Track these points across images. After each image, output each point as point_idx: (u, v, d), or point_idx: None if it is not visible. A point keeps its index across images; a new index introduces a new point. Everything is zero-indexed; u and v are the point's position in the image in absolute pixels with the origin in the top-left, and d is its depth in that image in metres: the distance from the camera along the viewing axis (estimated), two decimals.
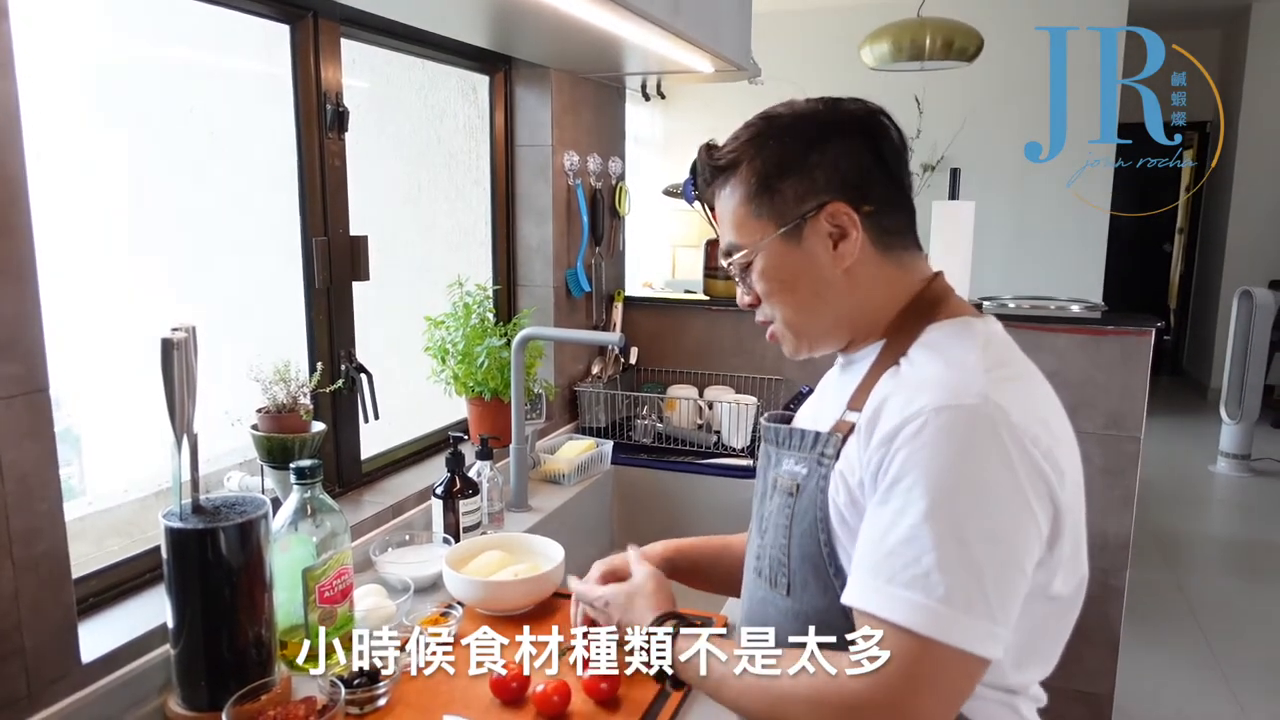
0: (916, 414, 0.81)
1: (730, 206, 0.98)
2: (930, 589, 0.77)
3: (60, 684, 1.06)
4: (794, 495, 0.93)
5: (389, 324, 1.99)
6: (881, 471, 0.82)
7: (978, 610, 0.77)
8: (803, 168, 0.92)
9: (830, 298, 0.95)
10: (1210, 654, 3.18)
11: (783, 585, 0.94)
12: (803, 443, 0.95)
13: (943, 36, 3.64)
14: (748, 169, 0.95)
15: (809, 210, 0.92)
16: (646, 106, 2.64)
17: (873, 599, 0.80)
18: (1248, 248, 6.69)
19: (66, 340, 1.08)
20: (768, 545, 0.97)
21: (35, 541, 1.02)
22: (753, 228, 0.96)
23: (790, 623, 0.93)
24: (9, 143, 0.97)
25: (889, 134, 0.95)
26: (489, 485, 1.72)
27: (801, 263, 0.94)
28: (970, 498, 0.79)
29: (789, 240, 0.94)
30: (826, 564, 0.89)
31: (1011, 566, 0.80)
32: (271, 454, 1.43)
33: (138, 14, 1.44)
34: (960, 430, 0.80)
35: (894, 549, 0.79)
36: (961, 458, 0.79)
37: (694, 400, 2.38)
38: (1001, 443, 0.79)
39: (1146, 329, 2.15)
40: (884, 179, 0.94)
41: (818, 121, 0.95)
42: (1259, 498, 4.91)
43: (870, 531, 0.82)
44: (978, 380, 0.83)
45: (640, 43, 1.78)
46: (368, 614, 1.34)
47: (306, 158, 1.62)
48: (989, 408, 0.80)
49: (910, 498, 0.79)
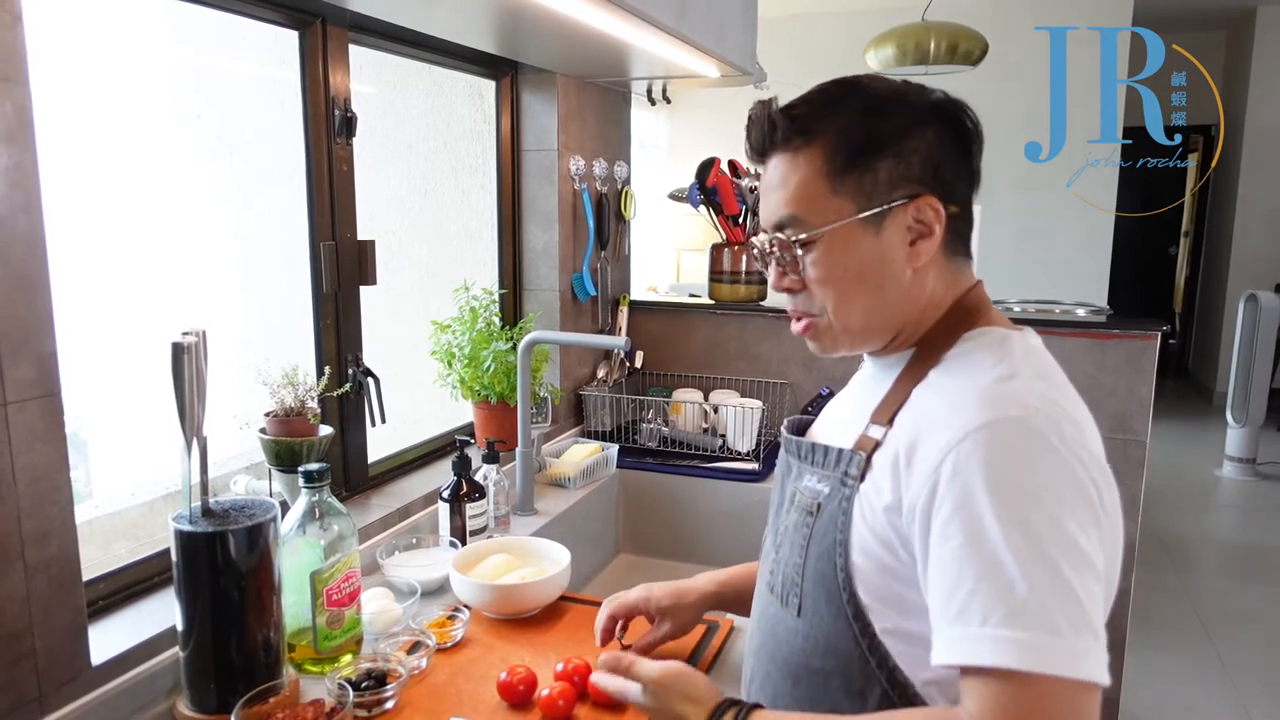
0: (961, 435, 0.75)
1: (800, 175, 0.86)
2: (1031, 621, 0.69)
3: (71, 686, 1.07)
4: (813, 514, 0.87)
5: (396, 328, 2.00)
6: (935, 505, 0.75)
7: (1084, 632, 0.70)
8: (900, 150, 0.84)
9: (891, 298, 0.87)
10: (1215, 657, 3.18)
11: (794, 605, 0.88)
12: (825, 459, 0.89)
13: (947, 40, 3.64)
14: (834, 138, 0.84)
15: (899, 199, 0.84)
16: (652, 111, 2.65)
17: (973, 649, 0.71)
18: (1254, 251, 6.68)
19: (72, 344, 1.08)
20: (782, 562, 0.92)
21: (46, 544, 1.03)
22: (826, 205, 0.85)
23: (800, 644, 0.88)
24: (23, 149, 0.98)
25: (977, 133, 0.89)
26: (495, 489, 1.72)
27: (874, 254, 0.85)
28: (1040, 511, 0.72)
29: (867, 227, 0.84)
30: (841, 589, 0.83)
31: (1096, 578, 0.73)
32: (279, 457, 1.44)
33: (148, 19, 1.45)
34: (1011, 443, 0.74)
35: (976, 587, 0.71)
36: (1019, 471, 0.73)
37: (699, 404, 2.38)
38: (1054, 449, 0.74)
39: (1152, 333, 2.15)
40: (967, 181, 0.88)
41: (914, 102, 0.87)
42: (1265, 501, 4.89)
43: (943, 576, 0.74)
44: (1018, 392, 0.78)
45: (646, 48, 1.79)
46: (375, 617, 1.34)
47: (315, 163, 1.63)
48: (1036, 419, 0.75)
49: (978, 526, 0.72)
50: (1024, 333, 0.89)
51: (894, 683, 0.82)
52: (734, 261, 2.56)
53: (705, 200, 2.51)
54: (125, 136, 1.43)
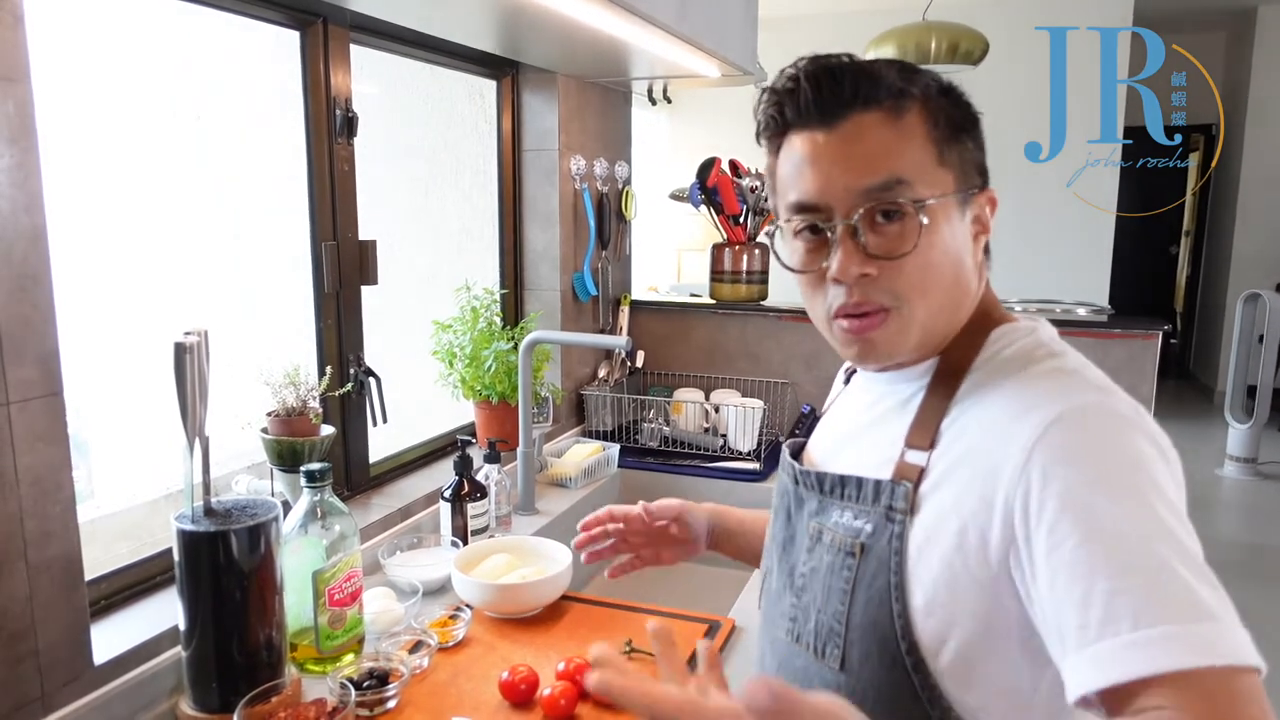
0: (1041, 430, 0.67)
1: (906, 136, 0.75)
2: (1187, 611, 0.60)
3: (73, 685, 1.07)
4: (856, 555, 0.77)
5: (397, 328, 2.00)
6: (1033, 511, 0.66)
7: (1230, 610, 0.62)
8: (976, 135, 0.79)
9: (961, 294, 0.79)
10: None
11: (834, 658, 0.77)
12: (860, 494, 0.79)
13: (948, 40, 3.64)
14: (930, 104, 0.76)
15: (976, 185, 0.78)
16: (653, 111, 2.65)
17: (1136, 657, 0.59)
18: (1254, 251, 6.68)
19: (74, 344, 1.08)
20: (811, 609, 0.81)
21: (49, 544, 1.03)
22: (935, 175, 0.75)
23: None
24: (26, 149, 0.98)
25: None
26: (497, 488, 1.73)
27: (962, 241, 0.78)
28: (1150, 487, 0.65)
29: (960, 209, 0.77)
30: (900, 638, 0.73)
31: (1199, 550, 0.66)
32: (281, 457, 1.44)
33: (149, 18, 1.45)
34: (1097, 425, 0.68)
35: (1115, 586, 0.61)
36: (1114, 451, 0.67)
37: (700, 404, 2.38)
38: (1137, 425, 0.69)
39: (1153, 332, 2.15)
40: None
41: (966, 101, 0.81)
42: (1266, 501, 4.89)
43: (1071, 584, 0.63)
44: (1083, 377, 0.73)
45: (647, 48, 1.79)
46: (377, 617, 1.34)
47: (316, 163, 1.63)
48: (1111, 399, 0.71)
49: (1091, 517, 0.63)
50: (1043, 323, 0.83)
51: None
52: (735, 261, 2.56)
53: (706, 200, 2.51)
54: (126, 136, 1.43)
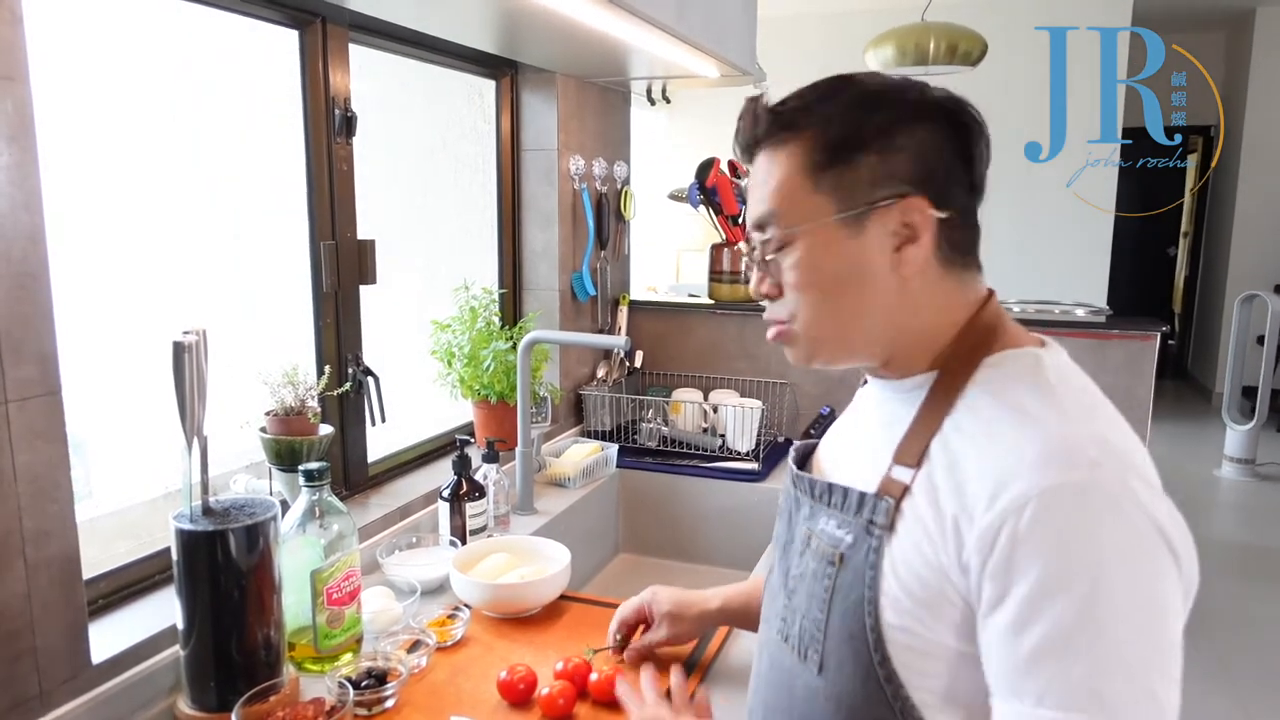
0: (1021, 501, 0.67)
1: (781, 171, 0.80)
2: (1091, 706, 0.65)
3: (71, 684, 1.07)
4: (835, 565, 0.79)
5: (396, 327, 1.99)
6: (990, 575, 0.69)
7: (1148, 714, 0.67)
8: (887, 147, 0.77)
9: (873, 308, 0.80)
10: (1215, 659, 3.18)
11: (814, 661, 0.81)
12: (845, 503, 0.81)
13: (947, 41, 3.64)
14: (818, 133, 0.79)
15: (883, 199, 0.77)
16: (652, 111, 2.65)
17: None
18: (1253, 252, 6.68)
19: (72, 343, 1.08)
20: (798, 612, 0.84)
21: (47, 542, 1.03)
22: (805, 203, 0.79)
23: (821, 705, 0.80)
24: (24, 148, 0.98)
25: (981, 136, 0.81)
26: (495, 488, 1.73)
27: (853, 258, 0.79)
28: (1115, 594, 0.66)
29: (847, 228, 0.78)
30: (872, 650, 0.75)
31: (1169, 650, 0.69)
32: (279, 456, 1.44)
33: (148, 17, 1.45)
34: (1081, 514, 0.67)
35: (1034, 666, 0.66)
36: (1092, 548, 0.67)
37: (699, 404, 2.39)
38: (1130, 517, 0.68)
39: (1151, 333, 2.15)
40: (966, 184, 0.81)
41: (909, 98, 0.80)
42: (1264, 502, 4.89)
43: (999, 649, 0.69)
44: (1078, 439, 0.70)
45: (646, 48, 1.79)
46: (375, 616, 1.34)
47: (315, 162, 1.63)
48: (1107, 478, 0.68)
49: (1041, 604, 0.66)
50: (1050, 349, 0.81)
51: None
52: (734, 261, 2.56)
53: (705, 200, 2.51)
54: (125, 135, 1.43)
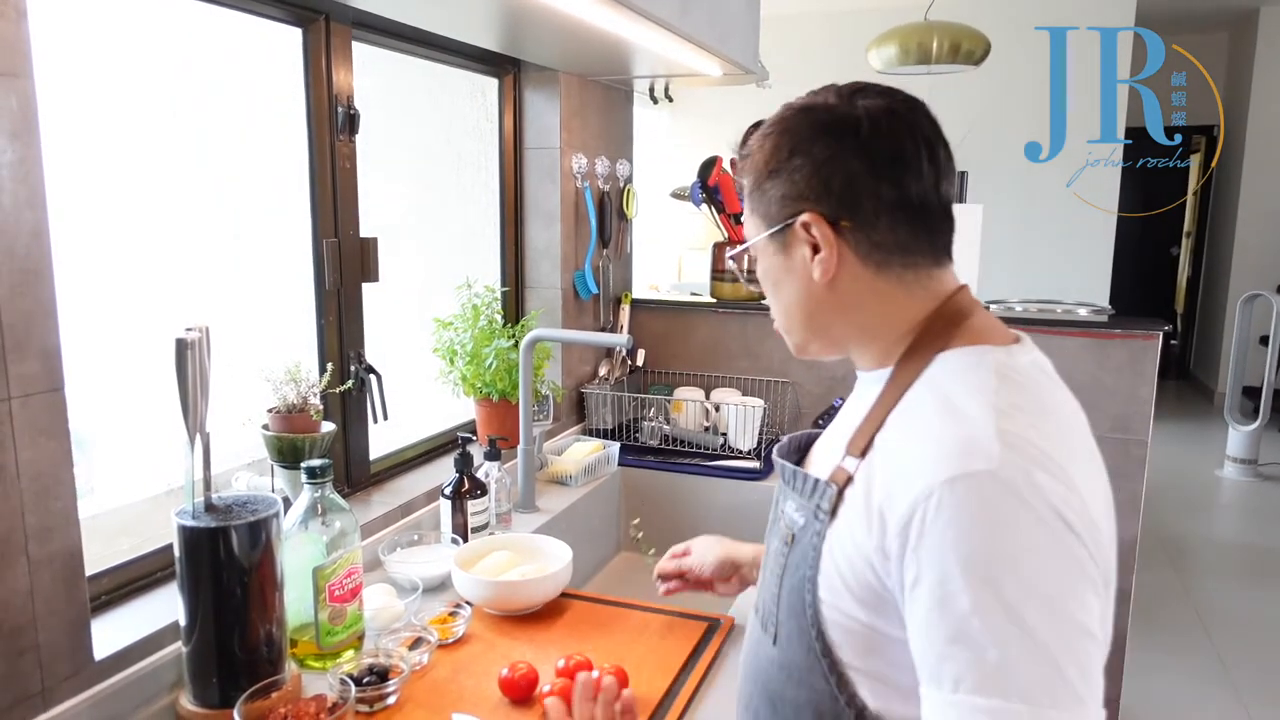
0: (926, 492, 0.71)
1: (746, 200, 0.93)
2: (1005, 689, 0.67)
3: (74, 680, 1.07)
4: (789, 545, 0.86)
5: (398, 325, 2.00)
6: (907, 562, 0.72)
7: (1064, 698, 0.68)
8: (787, 169, 0.85)
9: (812, 309, 0.89)
10: (1217, 658, 3.18)
11: (771, 633, 0.87)
12: (804, 488, 0.86)
13: (950, 40, 3.64)
14: (750, 163, 0.90)
15: (786, 217, 0.86)
16: (654, 109, 2.65)
17: (946, 714, 0.70)
18: (1255, 252, 6.68)
19: (74, 340, 1.08)
20: (765, 587, 0.91)
21: (50, 539, 1.03)
22: (750, 223, 0.92)
23: (775, 672, 0.87)
24: (29, 143, 0.98)
25: (896, 135, 0.83)
26: (497, 486, 1.73)
27: (786, 268, 0.89)
28: (1014, 575, 0.69)
29: (774, 243, 0.89)
30: (810, 625, 0.81)
31: (1080, 634, 0.70)
32: (282, 453, 1.44)
33: (151, 14, 1.45)
34: (980, 503, 0.70)
35: (948, 651, 0.70)
36: (991, 533, 0.69)
37: (701, 402, 2.39)
38: (1030, 505, 0.70)
39: (1154, 333, 2.15)
40: (877, 189, 0.82)
41: (814, 118, 0.85)
42: (1266, 502, 4.89)
43: (918, 635, 0.73)
44: (988, 433, 0.72)
45: (649, 46, 1.79)
46: (377, 613, 1.35)
47: (317, 160, 1.63)
48: (1007, 469, 0.70)
49: (947, 591, 0.69)
50: (1015, 349, 0.83)
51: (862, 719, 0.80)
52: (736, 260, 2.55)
53: (707, 199, 2.51)
54: (129, 132, 1.43)
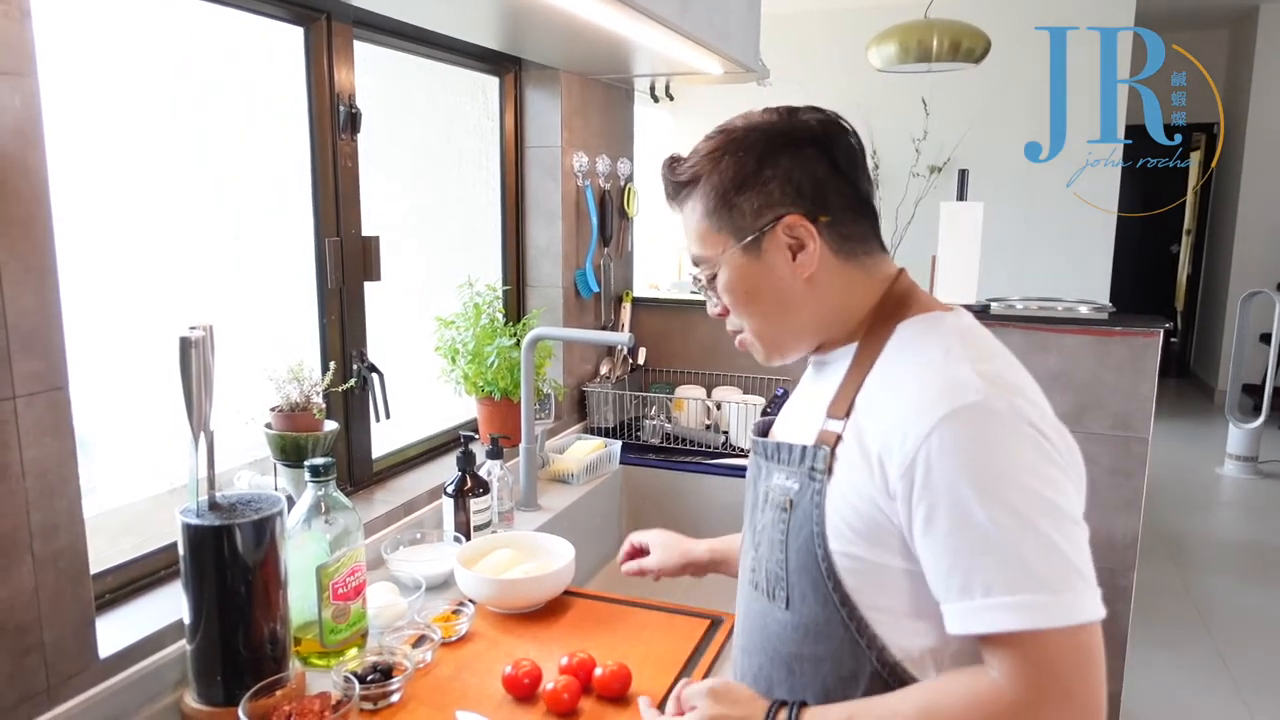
0: (927, 430, 0.81)
1: (693, 221, 0.98)
2: (1029, 583, 0.78)
3: (79, 678, 1.07)
4: (787, 510, 0.93)
5: (400, 324, 2.00)
6: (916, 498, 0.81)
7: (1075, 581, 0.79)
8: (757, 182, 0.93)
9: (794, 306, 0.96)
10: (1217, 655, 3.18)
11: (781, 599, 0.94)
12: (790, 456, 0.94)
13: (950, 38, 3.64)
14: (706, 184, 0.96)
15: (766, 224, 0.93)
16: (655, 108, 2.65)
17: (983, 618, 0.79)
18: (1255, 250, 6.67)
19: (77, 339, 1.09)
20: (763, 559, 0.97)
21: (55, 537, 1.04)
22: (714, 241, 0.96)
23: (791, 635, 0.93)
24: (32, 143, 0.98)
25: (844, 141, 0.95)
26: (499, 484, 1.73)
27: (762, 274, 0.95)
28: (1015, 484, 0.79)
29: (749, 253, 0.95)
30: (825, 578, 0.89)
31: (1075, 525, 0.81)
32: (285, 452, 1.44)
33: (154, 13, 1.45)
34: (977, 429, 0.80)
35: (975, 563, 0.79)
36: (991, 454, 0.80)
37: (702, 400, 2.39)
38: (1014, 425, 0.81)
39: (1154, 330, 2.15)
40: (841, 188, 0.94)
41: (770, 134, 0.94)
42: (1266, 499, 4.89)
43: (941, 559, 0.81)
44: (967, 374, 0.83)
45: (650, 44, 1.79)
46: (380, 611, 1.35)
47: (319, 158, 1.63)
48: (991, 399, 0.81)
49: (961, 511, 0.79)
50: (956, 312, 0.95)
51: (883, 662, 0.87)
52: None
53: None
54: (131, 131, 1.43)
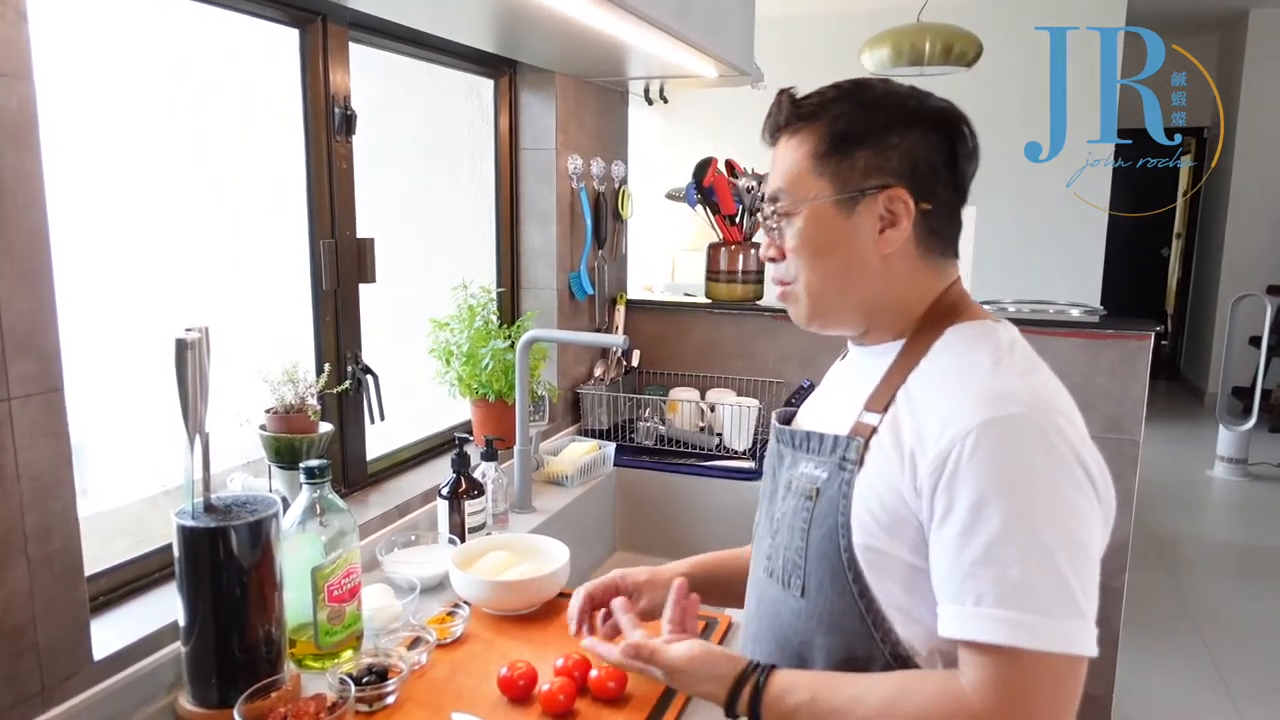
0: (964, 432, 0.81)
1: (793, 156, 0.95)
2: (1023, 603, 0.77)
3: (73, 680, 1.07)
4: (813, 499, 0.93)
5: (394, 326, 2.00)
6: (939, 495, 0.82)
7: (1071, 612, 0.78)
8: (881, 144, 0.91)
9: (858, 279, 0.94)
10: (1208, 656, 3.20)
11: (797, 587, 0.94)
12: (821, 446, 0.95)
13: (942, 42, 3.65)
14: (825, 125, 0.93)
15: (871, 186, 0.91)
16: (649, 111, 2.66)
17: (970, 625, 0.80)
18: (1245, 253, 6.71)
19: (72, 341, 1.08)
20: (781, 546, 0.97)
21: (49, 539, 1.03)
22: (808, 184, 0.94)
23: (803, 624, 0.94)
24: (27, 145, 0.98)
25: (967, 142, 0.94)
26: (494, 486, 1.73)
27: (843, 234, 0.93)
28: (1040, 505, 0.79)
29: (840, 208, 0.92)
30: (846, 568, 0.89)
31: (1088, 562, 0.81)
32: (279, 454, 1.44)
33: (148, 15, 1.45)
34: (1013, 441, 0.80)
35: (975, 571, 0.79)
36: (1022, 468, 0.80)
37: (696, 403, 2.39)
38: (1054, 445, 0.81)
39: (1145, 333, 2.16)
40: (949, 183, 0.93)
41: (908, 105, 0.93)
42: (1256, 501, 4.92)
43: (944, 559, 0.82)
44: (1015, 386, 0.83)
45: (644, 47, 1.80)
46: (375, 613, 1.35)
47: (314, 160, 1.63)
48: (1035, 414, 0.81)
49: (979, 516, 0.79)
50: (1005, 324, 0.95)
51: (896, 655, 0.88)
52: (731, 261, 2.56)
53: (702, 200, 2.52)
54: (126, 133, 1.43)
